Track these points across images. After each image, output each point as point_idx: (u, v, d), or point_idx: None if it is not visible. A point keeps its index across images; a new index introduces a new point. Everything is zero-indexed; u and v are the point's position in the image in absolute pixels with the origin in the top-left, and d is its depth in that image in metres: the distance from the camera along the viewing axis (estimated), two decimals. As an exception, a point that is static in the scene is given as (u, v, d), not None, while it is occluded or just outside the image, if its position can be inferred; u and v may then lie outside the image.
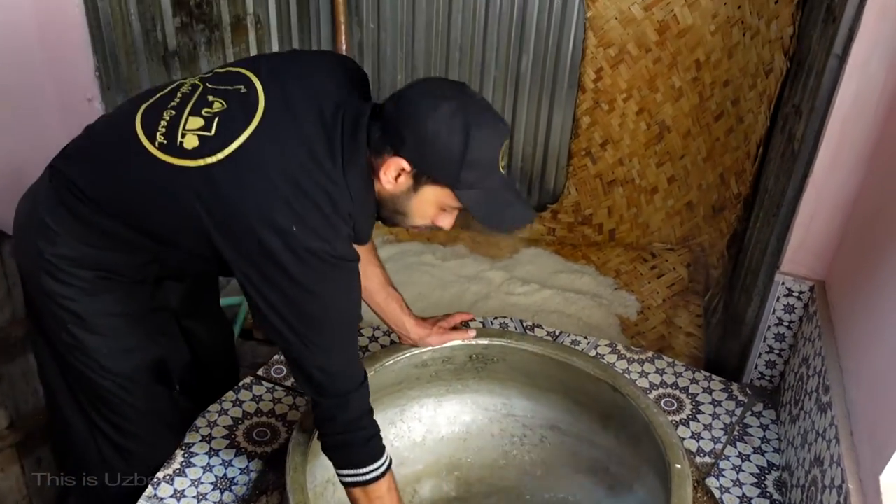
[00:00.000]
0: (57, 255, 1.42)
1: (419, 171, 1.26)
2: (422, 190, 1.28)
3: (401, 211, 1.33)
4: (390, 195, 1.31)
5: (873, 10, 1.50)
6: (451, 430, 1.75)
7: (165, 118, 1.33)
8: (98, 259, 1.44)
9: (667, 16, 2.64)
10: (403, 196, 1.30)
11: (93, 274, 1.45)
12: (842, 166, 1.64)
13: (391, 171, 1.27)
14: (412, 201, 1.30)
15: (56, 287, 1.45)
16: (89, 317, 1.47)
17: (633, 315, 2.62)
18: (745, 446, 1.69)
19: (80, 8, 2.02)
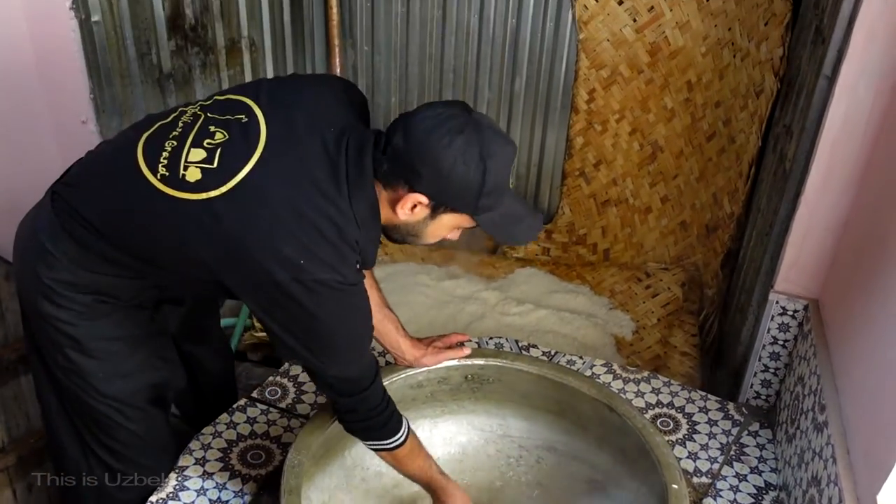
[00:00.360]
0: (55, 279, 1.42)
1: (437, 203, 1.30)
2: (439, 218, 1.33)
3: (414, 234, 1.38)
4: (404, 223, 1.35)
5: (861, 31, 1.52)
6: (448, 451, 1.74)
7: (167, 149, 1.33)
8: (98, 284, 1.44)
9: (658, 38, 2.66)
10: (420, 224, 1.35)
11: (91, 298, 1.45)
12: (833, 185, 1.65)
13: (408, 205, 1.30)
14: (428, 227, 1.35)
15: (53, 311, 1.44)
16: (86, 341, 1.47)
17: (628, 335, 2.62)
18: (742, 466, 1.68)
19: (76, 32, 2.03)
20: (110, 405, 1.53)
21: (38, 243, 1.42)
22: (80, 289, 1.43)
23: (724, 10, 2.55)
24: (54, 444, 1.63)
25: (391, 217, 1.34)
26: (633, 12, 2.65)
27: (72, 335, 1.46)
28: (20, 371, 1.99)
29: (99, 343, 1.48)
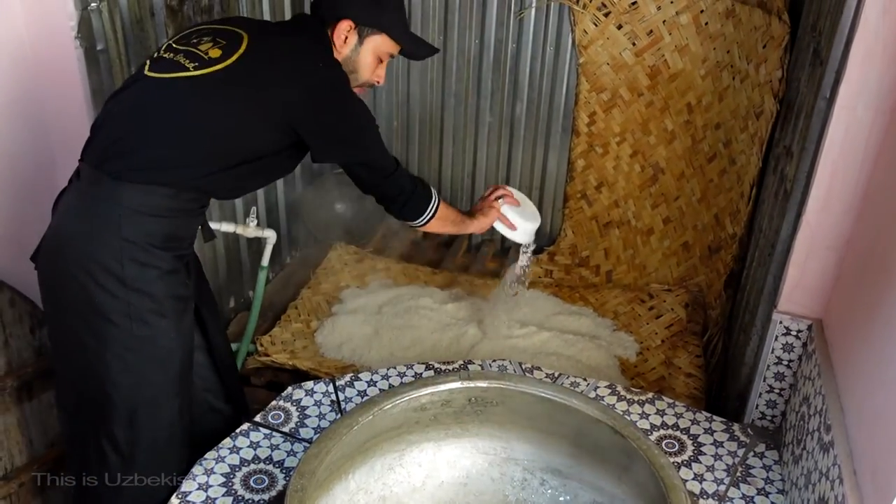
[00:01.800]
0: (139, 234, 1.56)
1: (361, 25, 1.73)
2: (365, 42, 1.76)
3: (351, 69, 1.76)
4: (344, 59, 1.76)
5: (859, 53, 1.54)
6: (451, 475, 1.73)
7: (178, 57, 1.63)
8: (166, 230, 1.60)
9: (657, 61, 2.69)
10: (353, 54, 1.76)
11: (169, 254, 1.61)
12: (834, 205, 1.66)
13: (341, 33, 1.73)
14: (360, 55, 1.77)
15: (138, 272, 1.57)
16: (164, 299, 1.62)
17: (632, 356, 2.61)
18: (749, 487, 1.67)
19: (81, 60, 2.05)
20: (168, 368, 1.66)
21: (105, 211, 1.55)
22: (157, 239, 1.59)
23: (723, 33, 2.58)
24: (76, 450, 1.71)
25: (337, 56, 1.74)
26: (632, 36, 2.68)
27: (154, 294, 1.60)
28: (24, 398, 1.99)
29: (171, 302, 1.64)
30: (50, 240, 1.63)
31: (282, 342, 2.64)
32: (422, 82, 3.03)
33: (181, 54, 1.63)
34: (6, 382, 1.92)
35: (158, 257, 1.60)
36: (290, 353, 2.57)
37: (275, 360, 2.54)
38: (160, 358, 1.65)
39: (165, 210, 1.59)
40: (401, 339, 2.60)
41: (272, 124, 1.63)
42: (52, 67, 2.05)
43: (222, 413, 1.98)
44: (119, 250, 1.55)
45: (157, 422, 1.68)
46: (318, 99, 1.64)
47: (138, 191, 1.56)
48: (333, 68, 1.71)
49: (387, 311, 2.75)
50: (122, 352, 1.60)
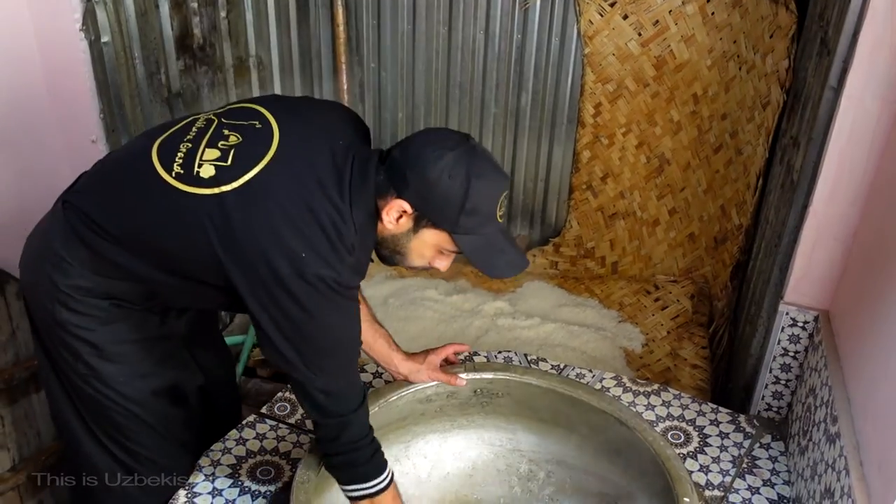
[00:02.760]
0: (71, 285, 1.45)
1: (420, 213, 1.33)
2: (421, 232, 1.35)
3: (400, 251, 1.39)
4: (391, 235, 1.37)
5: (866, 43, 1.53)
6: (457, 466, 1.73)
7: (182, 150, 1.38)
8: (111, 289, 1.47)
9: (663, 51, 2.67)
10: (403, 237, 1.37)
11: (107, 303, 1.48)
12: (841, 196, 1.65)
13: (393, 212, 1.33)
14: (411, 242, 1.37)
15: (72, 318, 1.47)
16: (105, 345, 1.50)
17: (637, 347, 2.61)
18: (755, 479, 1.67)
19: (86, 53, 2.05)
20: (130, 408, 1.55)
21: (53, 252, 1.45)
22: (96, 294, 1.46)
23: (729, 22, 2.56)
24: (75, 455, 1.65)
25: (381, 229, 1.37)
26: (637, 26, 2.67)
27: (91, 341, 1.48)
28: (31, 389, 2.00)
29: (117, 346, 1.51)
30: (22, 256, 1.56)
31: (287, 334, 2.64)
32: (427, 73, 3.02)
33: (185, 150, 1.38)
34: (14, 374, 1.93)
35: (94, 307, 1.47)
36: (296, 344, 2.57)
37: (281, 352, 2.54)
38: (116, 399, 1.54)
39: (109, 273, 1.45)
40: (406, 330, 2.60)
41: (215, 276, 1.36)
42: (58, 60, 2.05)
43: None
44: (52, 294, 1.46)
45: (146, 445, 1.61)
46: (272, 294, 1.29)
47: (82, 246, 1.44)
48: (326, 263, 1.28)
49: (392, 302, 2.76)
50: (81, 384, 1.53)
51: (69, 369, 1.53)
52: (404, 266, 1.43)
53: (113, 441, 1.59)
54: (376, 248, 1.41)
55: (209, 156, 1.35)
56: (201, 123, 1.42)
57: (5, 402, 1.94)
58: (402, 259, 1.41)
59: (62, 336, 1.49)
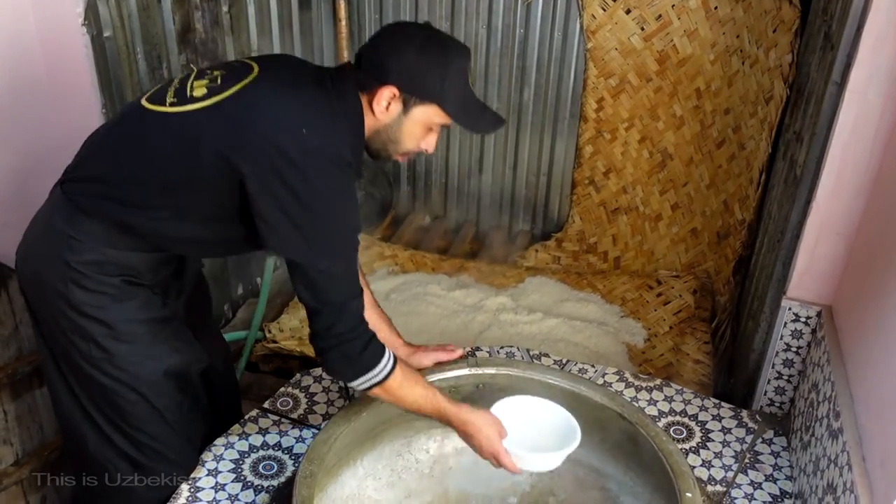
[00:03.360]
0: (83, 262, 1.47)
1: (408, 94, 1.42)
2: (411, 112, 1.44)
3: (392, 138, 1.48)
4: (383, 126, 1.46)
5: (870, 37, 1.52)
6: (459, 461, 1.74)
7: (171, 90, 1.47)
8: (122, 261, 1.50)
9: (666, 46, 2.67)
10: (395, 123, 1.45)
11: (119, 280, 1.51)
12: (844, 191, 1.65)
13: (383, 100, 1.42)
14: (403, 125, 1.46)
15: (85, 297, 1.49)
16: (118, 324, 1.52)
17: (640, 342, 2.61)
18: (757, 474, 1.67)
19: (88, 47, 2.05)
20: (142, 391, 1.56)
21: (59, 232, 1.48)
22: (108, 269, 1.49)
23: (733, 17, 2.56)
24: (77, 449, 1.65)
25: (371, 122, 1.45)
26: (640, 21, 2.66)
27: (104, 320, 1.51)
28: (34, 384, 2.01)
29: (129, 326, 1.53)
30: (21, 248, 1.58)
31: (290, 329, 2.64)
32: (429, 68, 3.02)
33: (175, 87, 1.47)
34: (16, 369, 1.94)
35: (107, 284, 1.50)
36: (299, 339, 2.58)
37: (283, 347, 2.55)
38: (128, 381, 1.55)
39: (119, 244, 1.49)
40: (409, 325, 2.60)
41: (222, 182, 1.40)
42: (60, 54, 2.05)
43: None
44: (65, 275, 1.48)
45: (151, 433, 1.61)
46: (290, 166, 1.34)
47: (88, 220, 1.47)
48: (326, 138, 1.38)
49: (395, 297, 2.76)
50: (90, 370, 1.54)
51: (79, 356, 1.53)
52: (396, 155, 1.51)
53: (118, 431, 1.59)
54: (367, 146, 1.50)
55: (199, 84, 1.44)
56: (182, 75, 1.53)
57: (8, 397, 1.94)
58: (395, 147, 1.49)
59: (75, 319, 1.50)
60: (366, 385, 1.45)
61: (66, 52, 2.04)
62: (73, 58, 2.05)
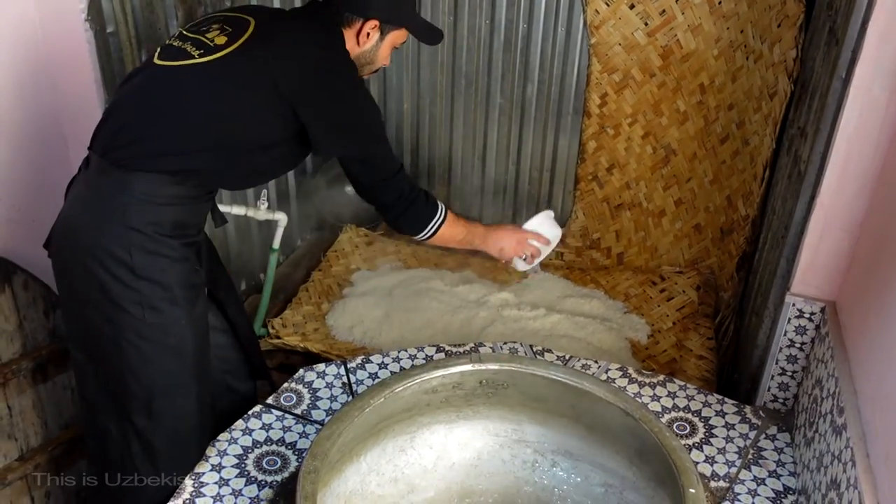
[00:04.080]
0: (145, 223, 1.56)
1: (386, 23, 1.75)
2: (386, 37, 1.78)
3: (370, 61, 1.80)
4: (362, 52, 1.77)
5: (875, 32, 1.51)
6: (462, 457, 1.74)
7: (185, 45, 1.63)
8: (176, 217, 1.60)
9: (670, 41, 2.66)
10: (373, 48, 1.78)
11: (177, 242, 1.61)
12: (849, 186, 1.64)
13: (367, 31, 1.74)
14: (379, 49, 1.79)
15: (147, 260, 1.57)
16: (174, 287, 1.61)
17: (643, 338, 2.61)
18: (761, 470, 1.67)
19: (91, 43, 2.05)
20: (183, 357, 1.65)
21: (114, 200, 1.56)
22: (166, 229, 1.59)
23: (737, 12, 2.55)
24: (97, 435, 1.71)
25: (354, 49, 1.74)
26: (644, 16, 2.65)
27: (163, 282, 1.59)
28: (39, 379, 2.01)
29: (182, 290, 1.63)
30: (60, 228, 1.63)
31: (293, 325, 2.65)
32: (432, 64, 3.01)
33: (189, 42, 1.63)
34: (21, 365, 1.94)
35: (167, 245, 1.59)
36: (302, 335, 2.58)
37: (286, 343, 2.55)
38: (174, 346, 1.64)
39: (172, 198, 1.59)
40: (412, 321, 2.61)
41: (273, 108, 1.61)
42: (63, 50, 2.05)
43: (239, 393, 1.99)
44: (127, 239, 1.55)
45: (176, 410, 1.68)
46: (321, 80, 1.64)
47: (144, 179, 1.56)
48: (341, 53, 1.71)
49: (398, 293, 2.76)
50: (137, 340, 1.60)
51: (127, 327, 1.58)
52: (369, 73, 1.83)
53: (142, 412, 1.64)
54: None
55: (212, 34, 1.64)
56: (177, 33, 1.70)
57: (13, 393, 1.95)
58: (370, 67, 1.81)
59: (133, 285, 1.56)
60: (436, 227, 1.86)
61: (69, 47, 2.04)
62: (76, 53, 2.05)
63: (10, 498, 1.97)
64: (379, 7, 1.73)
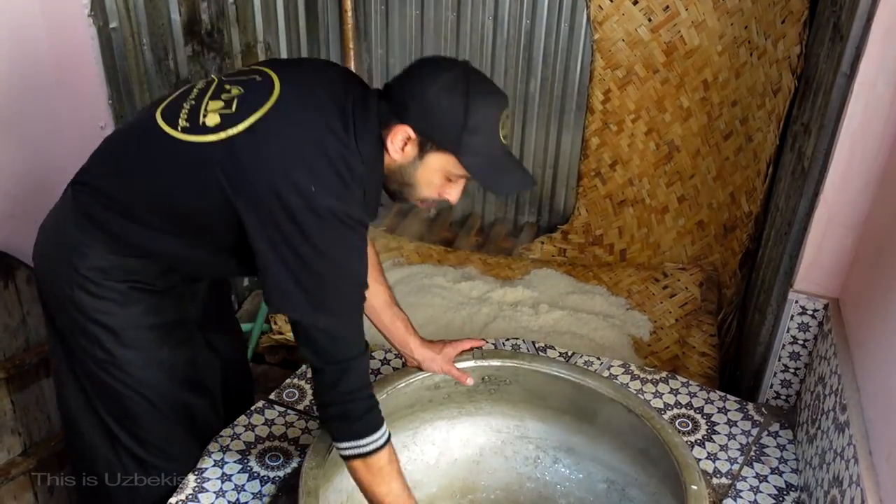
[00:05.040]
0: (91, 267, 1.47)
1: (424, 137, 1.33)
2: (427, 158, 1.35)
3: (408, 182, 1.39)
4: (398, 166, 1.38)
5: (880, 28, 1.51)
6: (465, 453, 1.74)
7: (186, 107, 1.41)
8: (128, 268, 1.49)
9: (674, 37, 2.65)
10: (410, 166, 1.37)
11: (125, 286, 1.50)
12: (852, 183, 1.64)
13: (398, 140, 1.34)
14: (419, 170, 1.37)
15: (91, 302, 1.49)
16: (123, 330, 1.51)
17: (645, 335, 2.61)
18: (763, 467, 1.67)
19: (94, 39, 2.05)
20: (146, 394, 1.56)
21: (69, 237, 1.48)
22: (114, 276, 1.48)
23: (741, 8, 2.54)
24: (80, 445, 1.65)
25: (388, 161, 1.38)
26: (648, 12, 2.65)
27: (109, 325, 1.50)
28: (41, 374, 2.02)
29: (135, 332, 1.52)
30: (36, 245, 1.58)
31: (296, 320, 2.65)
32: (435, 60, 3.01)
33: (189, 106, 1.41)
34: (24, 360, 1.95)
35: (112, 290, 1.49)
36: (304, 331, 2.58)
37: (289, 339, 2.55)
38: (133, 385, 1.55)
39: (121, 251, 1.48)
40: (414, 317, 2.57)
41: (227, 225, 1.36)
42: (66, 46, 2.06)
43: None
44: (71, 279, 1.48)
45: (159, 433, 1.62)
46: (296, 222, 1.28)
47: (92, 226, 1.46)
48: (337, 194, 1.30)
49: (400, 289, 2.76)
50: (97, 371, 1.54)
51: (86, 356, 1.54)
52: (415, 200, 1.43)
53: (123, 430, 1.59)
54: (385, 184, 1.43)
55: (213, 107, 1.37)
56: (202, 85, 1.45)
57: (16, 388, 1.95)
58: (411, 191, 1.41)
59: (81, 322, 1.50)
60: (352, 452, 1.37)
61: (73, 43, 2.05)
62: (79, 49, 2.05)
63: (14, 492, 1.97)
64: (417, 111, 1.31)
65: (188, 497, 1.55)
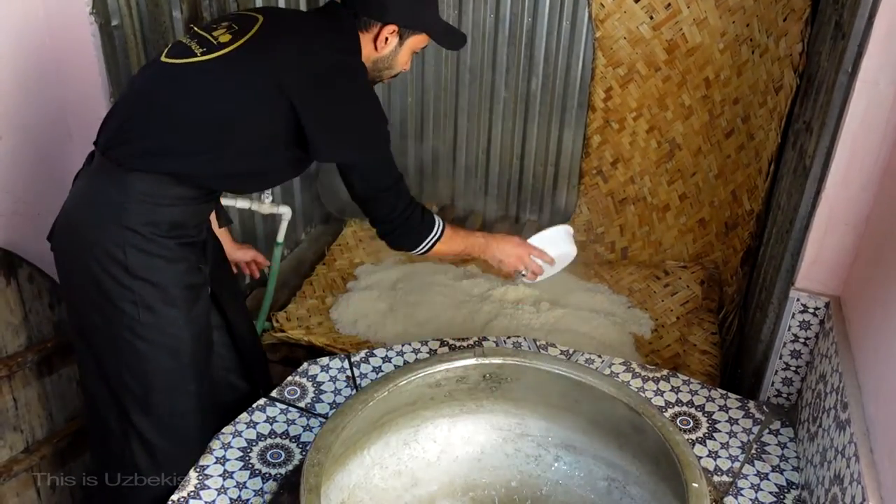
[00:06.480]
0: (141, 223, 1.56)
1: (405, 27, 1.68)
2: (406, 42, 1.71)
3: (389, 66, 1.74)
4: (380, 57, 1.71)
5: (882, 26, 1.51)
6: (466, 451, 1.74)
7: (192, 43, 1.60)
8: (174, 218, 1.60)
9: (675, 35, 2.65)
10: (392, 53, 1.72)
11: (173, 241, 1.60)
12: (854, 181, 1.64)
13: (386, 36, 1.67)
14: (399, 54, 1.73)
15: (142, 259, 1.57)
16: (169, 287, 1.61)
17: (647, 333, 2.61)
18: (764, 465, 1.67)
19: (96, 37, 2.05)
20: (180, 357, 1.65)
21: (112, 198, 1.56)
22: (163, 229, 1.58)
23: (742, 5, 2.54)
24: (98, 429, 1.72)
25: (372, 54, 1.69)
26: (649, 10, 2.64)
27: (158, 282, 1.59)
28: (44, 372, 2.02)
29: (176, 290, 1.62)
30: (61, 223, 1.63)
31: (297, 318, 2.65)
32: (436, 58, 3.00)
33: (196, 40, 1.61)
34: (26, 357, 1.95)
35: (163, 246, 1.59)
36: (306, 329, 2.59)
37: (290, 336, 2.56)
38: (170, 346, 1.64)
39: (170, 199, 1.58)
40: (415, 315, 2.61)
41: (272, 107, 1.56)
42: (68, 44, 2.06)
43: (239, 390, 1.99)
44: (122, 238, 1.55)
45: (173, 408, 1.68)
46: (324, 81, 1.57)
47: (141, 179, 1.55)
48: (351, 56, 1.65)
49: (401, 287, 2.76)
50: (132, 338, 1.60)
51: (123, 326, 1.59)
52: (388, 79, 1.77)
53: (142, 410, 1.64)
54: None
55: (219, 33, 1.61)
56: (186, 37, 1.65)
57: (19, 385, 1.96)
58: (389, 72, 1.75)
59: (128, 284, 1.56)
60: (429, 245, 1.77)
61: (75, 41, 2.05)
62: (81, 47, 2.05)
63: (17, 489, 1.98)
64: (398, 11, 1.67)
65: (190, 494, 1.56)
